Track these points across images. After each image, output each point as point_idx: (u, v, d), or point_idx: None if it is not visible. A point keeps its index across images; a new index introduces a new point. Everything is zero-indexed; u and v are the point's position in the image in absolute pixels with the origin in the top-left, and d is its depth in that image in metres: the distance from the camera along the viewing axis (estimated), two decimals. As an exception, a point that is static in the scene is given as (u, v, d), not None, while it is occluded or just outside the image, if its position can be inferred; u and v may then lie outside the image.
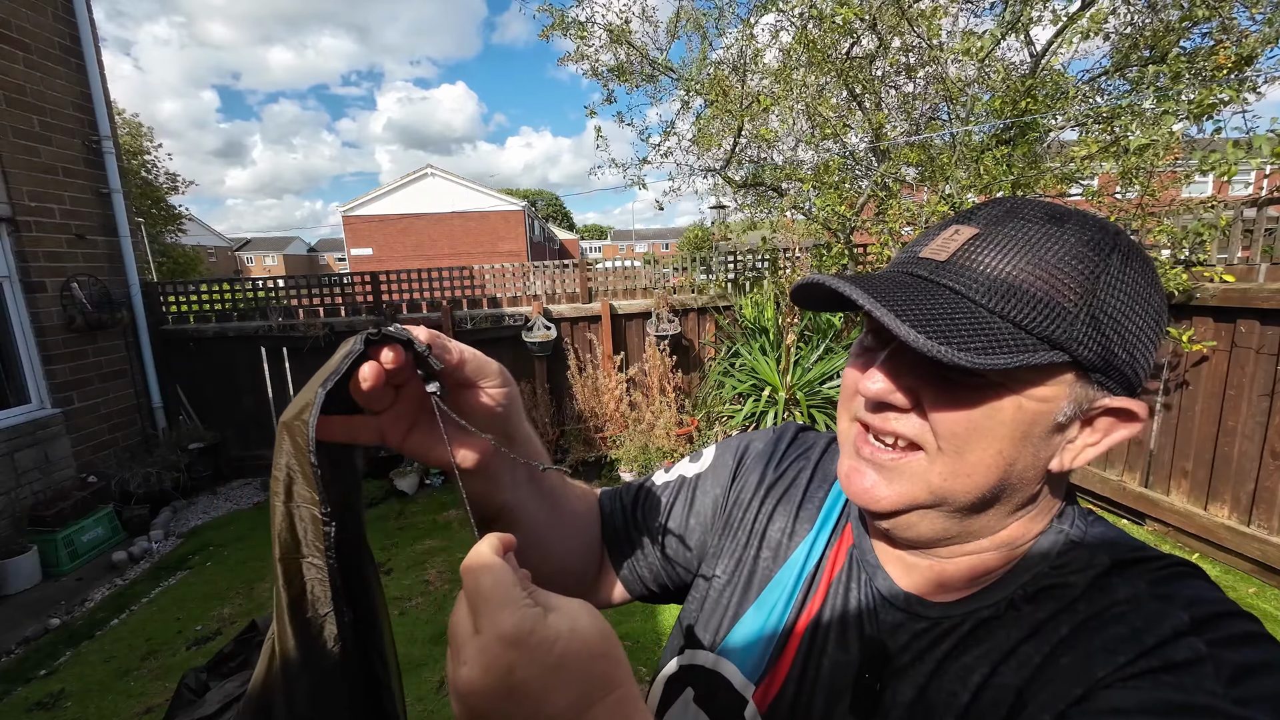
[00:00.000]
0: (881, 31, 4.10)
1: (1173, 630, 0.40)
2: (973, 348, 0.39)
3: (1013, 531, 0.48)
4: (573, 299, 5.55)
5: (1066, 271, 0.42)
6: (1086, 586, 0.44)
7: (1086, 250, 0.43)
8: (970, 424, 0.44)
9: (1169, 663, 0.38)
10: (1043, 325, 0.41)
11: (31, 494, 3.96)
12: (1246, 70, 2.93)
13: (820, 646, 0.53)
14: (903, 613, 0.50)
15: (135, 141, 15.48)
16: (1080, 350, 0.41)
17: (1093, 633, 0.42)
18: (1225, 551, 3.08)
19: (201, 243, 36.39)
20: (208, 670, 2.55)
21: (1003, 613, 0.46)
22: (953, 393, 0.44)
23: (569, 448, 4.98)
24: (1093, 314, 0.42)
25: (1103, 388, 0.44)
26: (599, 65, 5.04)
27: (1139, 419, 0.44)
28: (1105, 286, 0.42)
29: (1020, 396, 0.43)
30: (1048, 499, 0.48)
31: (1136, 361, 0.44)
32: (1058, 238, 0.43)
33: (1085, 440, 0.45)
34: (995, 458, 0.44)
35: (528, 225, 28.94)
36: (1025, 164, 3.84)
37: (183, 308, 5.36)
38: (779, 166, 5.02)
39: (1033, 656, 0.43)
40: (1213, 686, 0.36)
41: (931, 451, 0.45)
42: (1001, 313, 0.42)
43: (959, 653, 0.46)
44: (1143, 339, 0.44)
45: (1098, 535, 0.48)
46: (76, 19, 4.58)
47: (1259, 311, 2.90)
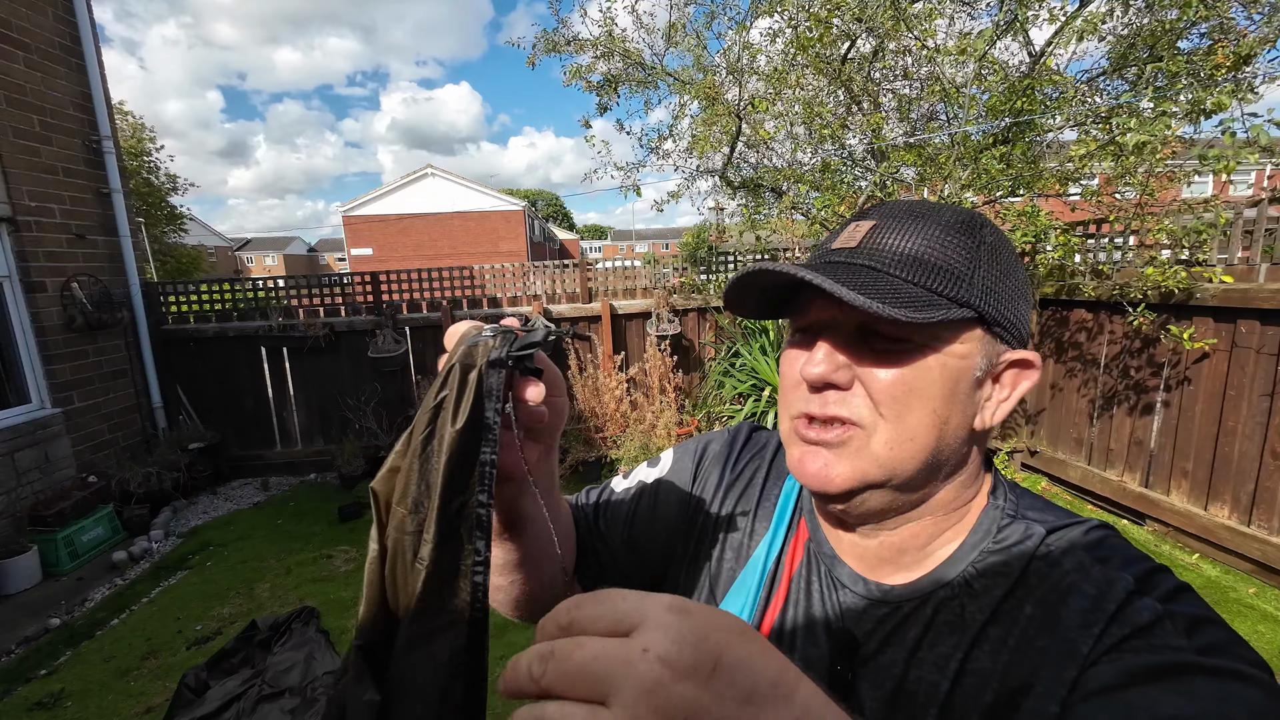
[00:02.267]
0: (880, 32, 4.10)
1: (1125, 592, 0.43)
2: (910, 305, 0.44)
3: (946, 495, 0.51)
4: (573, 299, 5.55)
5: (954, 244, 0.48)
6: (1030, 559, 0.48)
7: (963, 228, 0.49)
8: (905, 386, 0.47)
9: (1135, 627, 0.41)
10: (948, 288, 0.47)
11: (32, 494, 3.96)
12: (1245, 69, 2.93)
13: (789, 644, 0.54)
14: (864, 599, 0.52)
15: (139, 143, 15.49)
16: (982, 305, 0.47)
17: (1057, 608, 0.44)
18: (1225, 551, 3.08)
19: (202, 242, 36.40)
20: (208, 669, 2.56)
21: (959, 593, 0.49)
22: (885, 361, 0.48)
23: (569, 448, 4.98)
24: (982, 275, 0.48)
25: (1003, 341, 0.49)
26: (595, 82, 5.02)
27: (1035, 366, 0.50)
28: (983, 254, 0.49)
29: (943, 355, 0.47)
30: (975, 463, 0.52)
31: (1020, 317, 0.50)
32: (939, 221, 0.49)
33: (998, 396, 0.50)
34: (932, 417, 0.47)
35: (528, 225, 28.94)
36: (1024, 164, 3.84)
37: (183, 308, 5.36)
38: (778, 169, 5.02)
39: (1005, 639, 0.45)
40: (1178, 642, 0.40)
41: (871, 424, 0.48)
42: (914, 280, 0.47)
43: (932, 640, 0.48)
44: (1017, 298, 0.50)
45: (1029, 505, 0.52)
46: (77, 19, 4.58)
47: (1259, 312, 2.90)
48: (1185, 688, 0.37)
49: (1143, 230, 3.45)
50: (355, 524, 4.29)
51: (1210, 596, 2.85)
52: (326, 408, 5.39)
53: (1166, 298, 3.26)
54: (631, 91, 5.10)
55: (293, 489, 5.12)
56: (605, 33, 4.78)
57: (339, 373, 5.37)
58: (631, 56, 4.87)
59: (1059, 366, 4.10)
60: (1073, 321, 3.97)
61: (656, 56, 4.96)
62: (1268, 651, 2.46)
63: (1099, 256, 3.78)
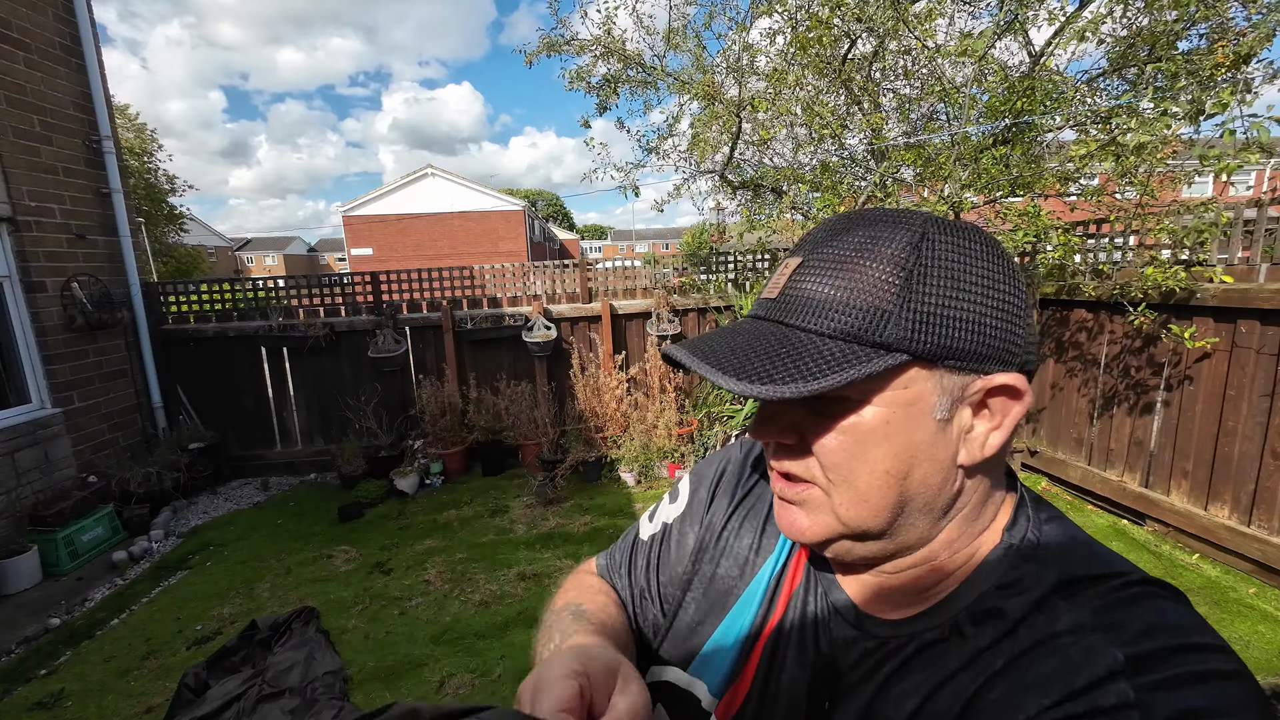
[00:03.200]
0: (880, 32, 4.10)
1: (1107, 670, 0.37)
2: (799, 376, 0.41)
3: (949, 535, 0.47)
4: (573, 299, 5.55)
5: (881, 276, 0.43)
6: (1029, 610, 0.43)
7: (899, 250, 0.43)
8: (846, 451, 0.44)
9: (1093, 709, 0.36)
10: (870, 332, 0.42)
11: (32, 494, 3.96)
12: (1244, 68, 2.93)
13: (780, 661, 0.53)
14: (855, 629, 0.50)
15: (141, 143, 15.49)
16: (914, 345, 0.42)
17: (1027, 667, 0.40)
18: (1225, 552, 3.08)
19: (202, 242, 36.38)
20: (208, 669, 2.56)
21: (947, 636, 0.45)
22: (827, 423, 0.45)
23: (569, 448, 4.98)
24: (915, 308, 0.42)
25: (971, 371, 0.43)
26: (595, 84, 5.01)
27: (1020, 391, 0.44)
28: (920, 279, 0.42)
29: (885, 407, 0.43)
30: (980, 494, 0.47)
31: (988, 338, 0.43)
32: (871, 246, 0.44)
33: (987, 426, 0.45)
34: (884, 478, 0.44)
35: (528, 225, 28.93)
36: (1024, 163, 3.84)
37: (183, 307, 5.36)
38: (777, 169, 5.02)
39: (968, 687, 0.42)
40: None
41: (826, 486, 0.46)
42: (827, 332, 0.43)
43: (900, 677, 0.46)
44: (984, 314, 0.43)
45: (1051, 544, 0.46)
46: (77, 19, 4.58)
47: (1259, 312, 2.90)
48: None
49: (1143, 230, 3.45)
50: (355, 524, 4.30)
51: (1210, 596, 2.85)
52: (326, 408, 5.39)
53: (1167, 297, 3.26)
54: (631, 93, 5.10)
55: (293, 489, 5.12)
56: (605, 32, 4.78)
57: (339, 373, 5.37)
58: (631, 57, 4.87)
59: (1059, 366, 4.09)
60: (1073, 321, 3.98)
61: (657, 57, 4.96)
62: (1268, 651, 2.46)
63: (1099, 256, 3.78)
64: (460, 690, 2.50)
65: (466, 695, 2.47)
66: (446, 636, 2.87)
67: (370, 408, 5.20)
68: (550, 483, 4.53)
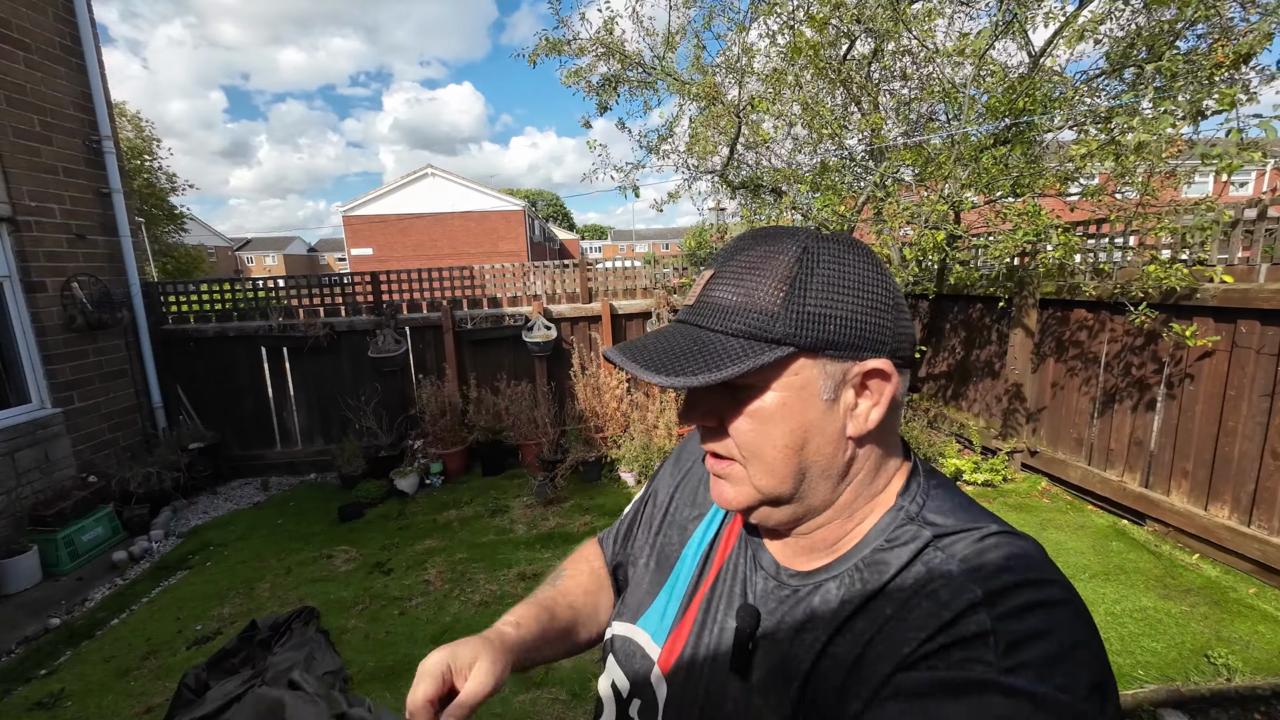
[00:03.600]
0: (879, 33, 4.10)
1: (968, 604, 0.45)
2: (706, 369, 0.50)
3: (848, 498, 0.56)
4: (573, 299, 5.55)
5: (772, 284, 0.52)
6: (909, 560, 0.51)
7: (787, 261, 0.52)
8: (754, 431, 0.53)
9: (959, 638, 0.44)
10: (763, 330, 0.51)
11: (32, 493, 3.96)
12: (1244, 68, 2.93)
13: (713, 613, 0.62)
14: (774, 580, 0.59)
15: (141, 143, 15.48)
16: (799, 339, 0.51)
17: (909, 610, 0.48)
18: (1225, 552, 3.08)
19: (202, 242, 36.37)
20: (208, 669, 2.56)
21: (843, 585, 0.54)
22: (739, 407, 0.54)
23: (569, 448, 4.98)
24: (799, 309, 0.51)
25: (849, 358, 0.52)
26: (595, 84, 5.01)
27: (889, 374, 0.53)
28: (803, 285, 0.51)
29: (780, 392, 0.52)
30: (873, 462, 0.56)
31: (860, 331, 0.52)
32: (764, 260, 0.53)
33: (868, 403, 0.54)
34: (783, 451, 0.53)
35: (528, 225, 28.92)
36: (1024, 163, 3.84)
37: (183, 307, 5.36)
38: (777, 169, 5.01)
39: (865, 632, 0.49)
40: (990, 659, 0.42)
41: (742, 461, 0.55)
42: (730, 331, 0.52)
43: (809, 622, 0.54)
44: (860, 313, 0.52)
45: (933, 508, 0.55)
46: (77, 18, 4.58)
47: (1259, 312, 2.90)
48: (980, 705, 0.40)
49: (1143, 230, 3.45)
50: (355, 524, 4.30)
51: (1210, 596, 2.85)
52: (326, 408, 5.39)
53: (1167, 297, 3.26)
54: (631, 93, 5.10)
55: (293, 489, 5.12)
56: (605, 32, 4.77)
57: (339, 373, 5.37)
58: (631, 58, 4.86)
59: (1059, 366, 4.09)
60: (1073, 321, 3.97)
61: (656, 58, 4.95)
62: (1268, 651, 2.46)
63: (1099, 256, 3.78)
64: (460, 690, 2.50)
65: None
66: (447, 636, 2.87)
67: (370, 408, 5.20)
68: (550, 483, 4.53)
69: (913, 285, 4.70)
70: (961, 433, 4.81)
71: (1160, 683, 2.33)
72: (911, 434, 4.52)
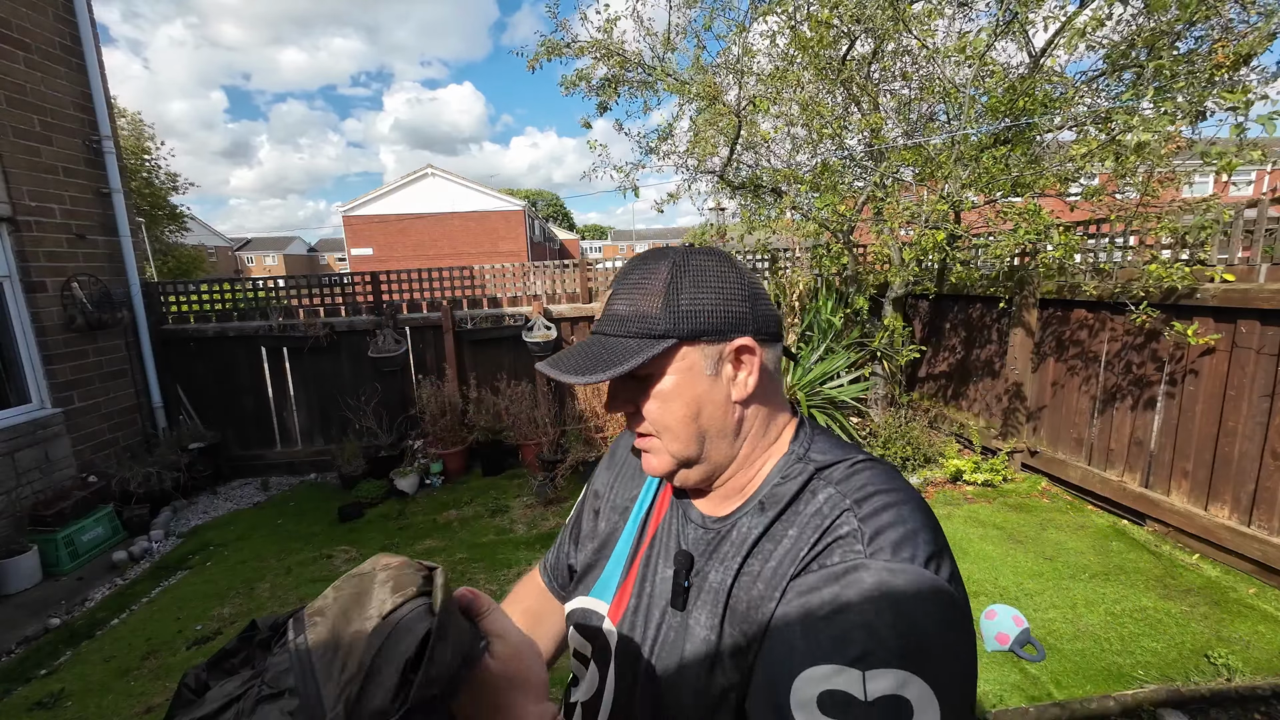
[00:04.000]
0: (879, 33, 4.10)
1: (840, 511, 0.60)
2: (610, 365, 0.64)
3: (746, 451, 0.70)
4: (573, 299, 5.55)
5: (653, 293, 0.66)
6: (799, 490, 0.65)
7: (662, 275, 0.67)
8: (659, 408, 0.67)
9: (836, 538, 0.58)
10: (651, 329, 0.65)
11: (32, 493, 3.96)
12: (1244, 69, 2.93)
13: (654, 567, 0.73)
14: (700, 528, 0.71)
15: (138, 142, 15.46)
16: (678, 331, 0.65)
17: (803, 526, 0.62)
18: (1225, 552, 3.08)
19: (202, 242, 36.36)
20: (208, 669, 2.56)
21: (750, 517, 0.67)
22: (645, 392, 0.68)
23: (569, 447, 4.98)
24: (675, 309, 0.65)
25: (721, 341, 0.66)
26: (595, 85, 5.00)
27: (752, 348, 0.66)
28: (674, 292, 0.65)
29: (673, 374, 0.66)
30: (762, 419, 0.70)
31: (731, 317, 0.66)
32: (646, 276, 0.67)
33: (744, 373, 0.67)
34: (683, 421, 0.67)
35: (528, 225, 28.91)
36: (1024, 163, 3.84)
37: (183, 307, 5.36)
38: (777, 169, 5.01)
39: (771, 550, 0.63)
40: (859, 549, 0.56)
41: (656, 433, 0.69)
42: (627, 334, 0.66)
43: (729, 552, 0.66)
44: (722, 304, 0.66)
45: (817, 448, 0.69)
46: (77, 18, 4.58)
47: (1259, 312, 2.90)
48: (853, 581, 0.54)
49: (1143, 230, 3.45)
50: (355, 524, 4.30)
51: (1210, 597, 2.85)
52: (326, 408, 5.39)
53: (1167, 296, 3.26)
54: (631, 94, 5.10)
55: (293, 489, 5.12)
56: (604, 33, 4.77)
57: (339, 373, 5.37)
58: (631, 58, 4.86)
59: (1059, 365, 4.09)
60: (1073, 320, 3.97)
61: (657, 59, 4.95)
62: (1268, 651, 2.46)
63: (1100, 256, 3.78)
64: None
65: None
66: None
67: (370, 408, 5.20)
68: (550, 482, 4.53)
69: (913, 285, 4.71)
70: (961, 433, 4.81)
71: (1160, 683, 2.33)
72: (911, 434, 4.52)
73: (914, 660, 0.50)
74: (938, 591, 0.54)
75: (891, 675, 0.50)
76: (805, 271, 5.38)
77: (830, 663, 0.52)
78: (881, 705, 0.49)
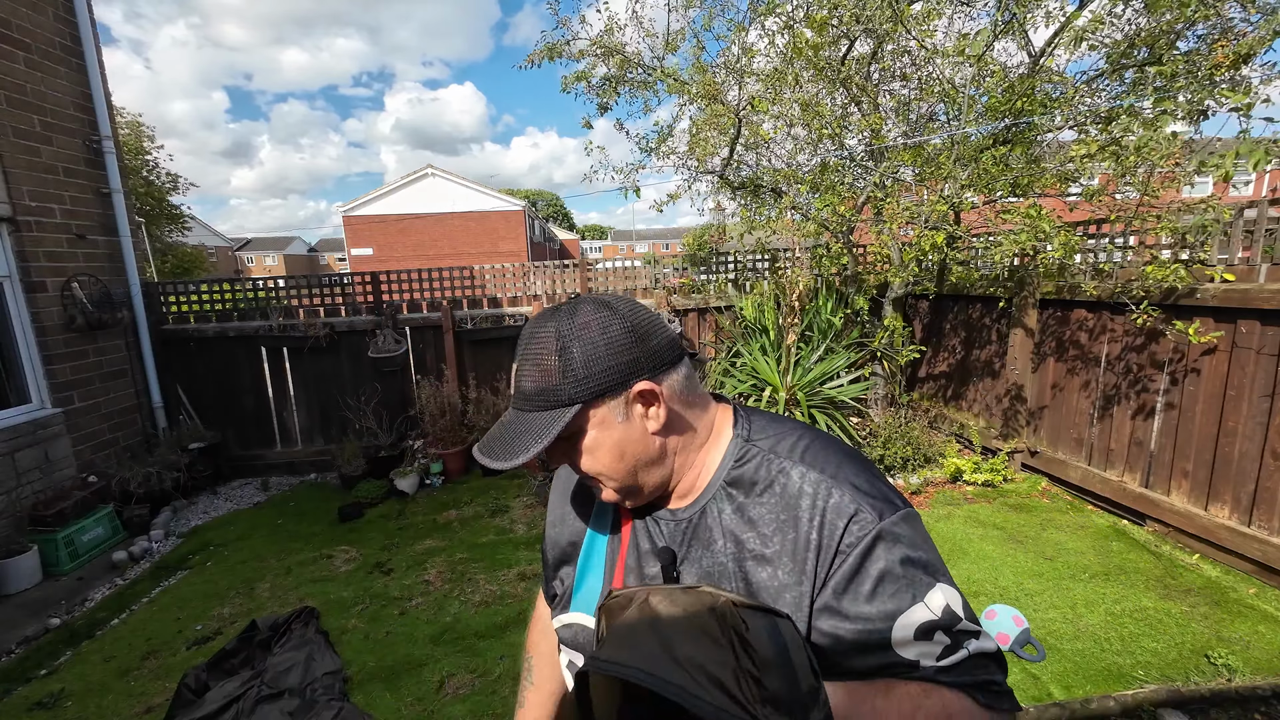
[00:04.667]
0: (879, 33, 4.10)
1: (802, 474, 0.72)
2: (529, 446, 0.71)
3: (682, 461, 0.78)
4: (573, 299, 5.55)
5: (547, 368, 0.72)
6: (757, 469, 0.74)
7: (552, 345, 0.72)
8: (589, 460, 0.75)
9: (798, 491, 0.71)
10: (556, 400, 0.71)
11: (32, 493, 3.96)
12: (1244, 68, 2.93)
13: (638, 569, 0.79)
14: (671, 523, 0.79)
15: (136, 141, 15.45)
16: (581, 396, 0.71)
17: (779, 496, 0.72)
18: (1225, 552, 3.08)
19: (202, 242, 36.34)
20: (208, 669, 2.56)
21: (715, 501, 0.76)
22: (574, 450, 0.75)
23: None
24: (570, 376, 0.71)
25: (622, 389, 0.72)
26: (595, 85, 5.00)
27: (651, 391, 0.73)
28: (566, 361, 0.71)
29: (592, 430, 0.73)
30: (686, 434, 0.77)
31: (622, 369, 0.72)
32: (538, 348, 0.73)
33: (653, 407, 0.74)
34: (614, 462, 0.74)
35: (528, 225, 28.91)
36: (1024, 164, 3.84)
37: (183, 307, 5.36)
38: (777, 170, 5.01)
39: (744, 528, 0.73)
40: (868, 518, 0.68)
41: (599, 477, 0.77)
42: (538, 408, 0.73)
43: (703, 532, 0.75)
44: (610, 358, 0.71)
45: (756, 430, 0.78)
46: (77, 18, 4.58)
47: (1259, 312, 2.90)
48: (878, 555, 0.67)
49: (1143, 230, 3.44)
50: (355, 524, 4.30)
51: (1210, 597, 2.85)
52: (326, 408, 5.39)
53: (1167, 296, 3.26)
54: (631, 94, 5.10)
55: (293, 489, 5.12)
56: (605, 33, 4.77)
57: (339, 373, 5.37)
58: (630, 59, 4.86)
59: (1059, 366, 4.09)
60: (1073, 321, 3.97)
61: (656, 59, 4.95)
62: (1268, 651, 2.46)
63: (1100, 256, 3.78)
64: (460, 690, 2.50)
65: (467, 695, 2.47)
66: (446, 636, 2.87)
67: (370, 408, 5.20)
68: (549, 483, 4.53)
69: (913, 285, 4.71)
70: (961, 433, 4.81)
71: (1160, 683, 2.33)
72: (911, 434, 4.52)
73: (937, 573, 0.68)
74: (915, 518, 0.70)
75: (938, 590, 0.66)
76: (805, 271, 5.38)
77: (902, 610, 0.65)
78: (943, 611, 0.66)
